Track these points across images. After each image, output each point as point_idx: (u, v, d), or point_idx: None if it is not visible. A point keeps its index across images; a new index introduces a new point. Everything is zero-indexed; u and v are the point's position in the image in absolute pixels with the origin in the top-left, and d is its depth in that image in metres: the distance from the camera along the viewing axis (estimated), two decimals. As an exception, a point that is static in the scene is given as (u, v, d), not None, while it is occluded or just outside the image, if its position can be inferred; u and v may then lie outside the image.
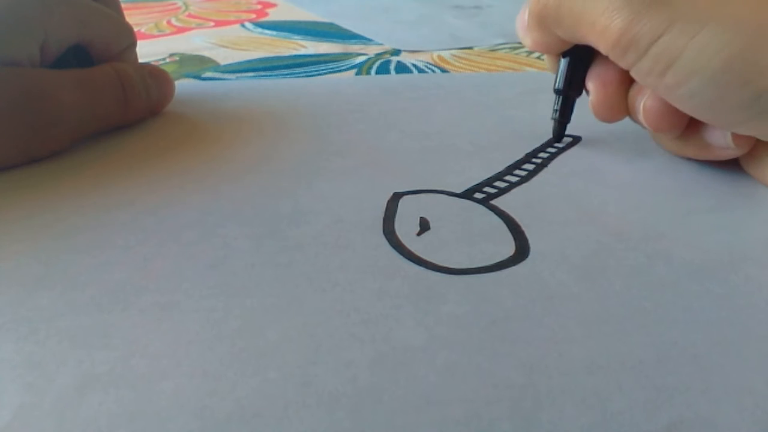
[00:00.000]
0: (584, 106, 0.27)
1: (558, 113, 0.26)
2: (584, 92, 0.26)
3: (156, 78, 0.29)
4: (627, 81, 0.23)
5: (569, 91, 0.25)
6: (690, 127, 0.23)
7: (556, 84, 0.25)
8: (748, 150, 0.22)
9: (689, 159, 0.25)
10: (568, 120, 0.26)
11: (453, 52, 0.44)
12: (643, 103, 0.22)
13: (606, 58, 0.22)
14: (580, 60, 0.24)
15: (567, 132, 0.27)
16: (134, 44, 0.30)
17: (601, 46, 0.21)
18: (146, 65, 0.29)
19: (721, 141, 0.22)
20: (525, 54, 0.44)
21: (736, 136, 0.22)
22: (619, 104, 0.24)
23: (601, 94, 0.24)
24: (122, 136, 0.28)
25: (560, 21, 0.22)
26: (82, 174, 0.24)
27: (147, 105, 0.29)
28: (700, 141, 0.23)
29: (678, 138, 0.23)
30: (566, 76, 0.25)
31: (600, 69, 0.24)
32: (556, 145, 0.27)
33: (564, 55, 0.25)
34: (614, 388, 0.14)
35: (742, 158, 0.23)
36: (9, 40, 0.23)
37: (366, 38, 0.48)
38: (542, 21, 0.23)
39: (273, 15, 0.57)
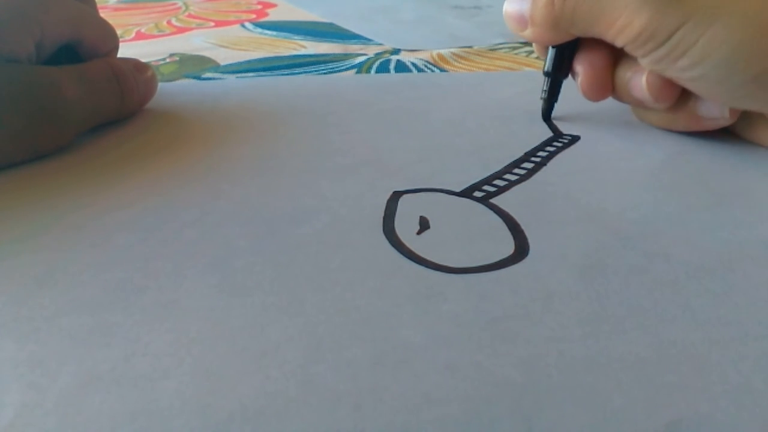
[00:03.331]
0: (583, 106, 0.27)
1: (547, 93, 0.29)
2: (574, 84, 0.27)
3: (140, 71, 0.30)
4: (613, 63, 0.27)
5: (557, 74, 0.28)
6: (681, 101, 0.26)
7: (546, 67, 0.28)
8: (734, 120, 0.25)
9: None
10: (555, 99, 0.29)
11: (452, 50, 0.44)
12: (645, 78, 0.25)
13: (592, 44, 0.26)
14: (567, 47, 0.27)
15: (566, 132, 0.28)
16: (117, 48, 0.30)
17: (618, 40, 0.24)
18: (130, 60, 0.30)
19: (714, 112, 0.25)
20: (524, 54, 0.44)
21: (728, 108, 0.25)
22: (606, 84, 0.27)
23: (590, 75, 0.27)
24: (122, 135, 0.28)
25: (575, 22, 0.25)
26: (83, 173, 0.24)
27: (138, 97, 0.29)
28: (690, 113, 0.26)
29: (669, 112, 0.26)
30: (555, 60, 0.28)
31: (587, 54, 0.27)
32: (555, 144, 0.27)
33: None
34: (613, 386, 0.14)
35: (736, 125, 0.26)
36: (8, 36, 0.23)
37: (366, 38, 0.48)
38: (557, 23, 0.25)
39: (273, 15, 0.57)
